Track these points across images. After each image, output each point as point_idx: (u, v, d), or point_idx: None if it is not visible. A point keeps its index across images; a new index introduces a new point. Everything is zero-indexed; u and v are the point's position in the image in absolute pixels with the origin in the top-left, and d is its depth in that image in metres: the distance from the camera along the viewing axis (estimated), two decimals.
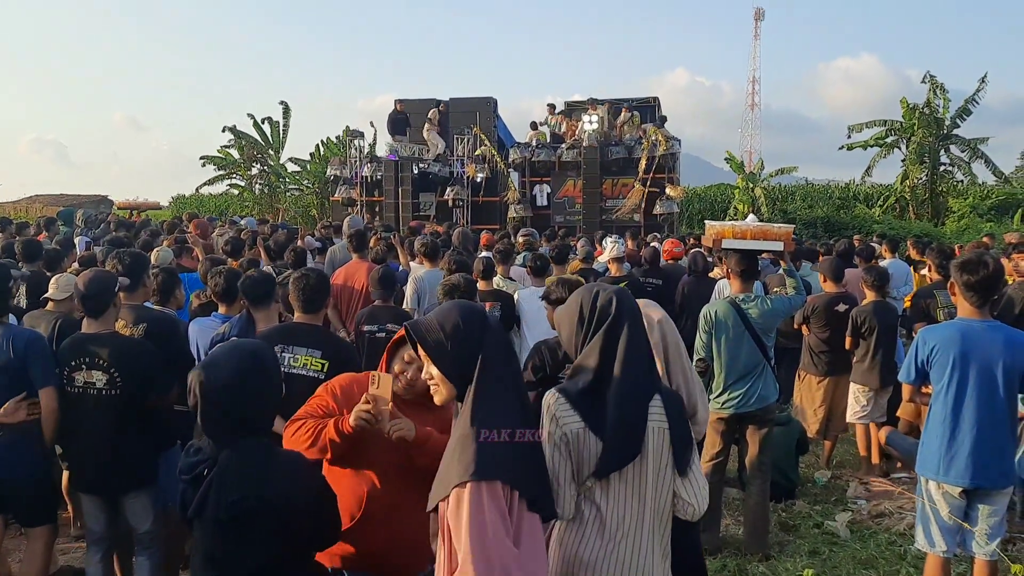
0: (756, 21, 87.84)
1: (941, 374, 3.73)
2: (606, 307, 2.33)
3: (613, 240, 8.42)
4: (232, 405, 2.32)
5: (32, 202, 32.81)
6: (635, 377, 2.29)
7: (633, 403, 2.28)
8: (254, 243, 8.99)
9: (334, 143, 29.38)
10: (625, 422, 2.25)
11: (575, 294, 2.45)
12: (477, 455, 1.98)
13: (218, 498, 2.26)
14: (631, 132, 19.26)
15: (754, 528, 4.95)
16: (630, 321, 2.33)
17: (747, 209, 24.81)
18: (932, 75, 25.51)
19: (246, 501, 2.26)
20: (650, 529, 2.31)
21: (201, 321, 4.81)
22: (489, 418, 2.04)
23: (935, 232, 22.26)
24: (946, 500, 3.75)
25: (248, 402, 2.35)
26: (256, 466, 2.32)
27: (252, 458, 2.33)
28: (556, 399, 2.27)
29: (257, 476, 2.29)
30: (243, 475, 2.28)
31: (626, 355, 2.29)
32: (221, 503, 2.25)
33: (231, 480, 2.27)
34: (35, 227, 12.77)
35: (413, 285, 6.58)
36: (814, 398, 6.75)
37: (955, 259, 3.86)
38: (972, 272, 3.64)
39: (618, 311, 2.32)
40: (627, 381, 2.27)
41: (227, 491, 2.26)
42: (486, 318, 2.23)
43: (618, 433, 2.23)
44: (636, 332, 2.33)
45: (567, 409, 2.25)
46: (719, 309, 4.89)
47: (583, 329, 2.34)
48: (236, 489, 2.26)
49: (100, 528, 3.96)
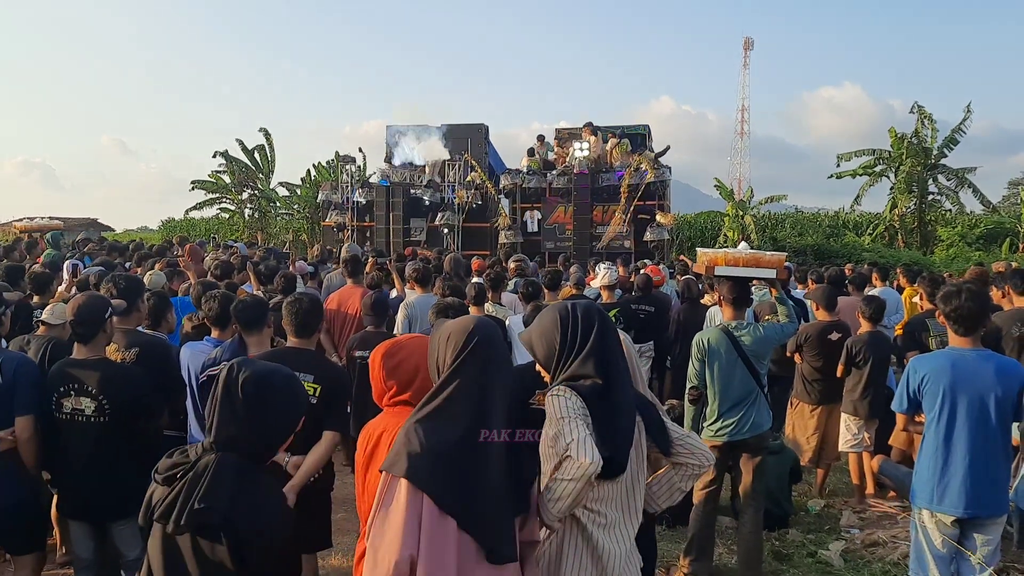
0: (745, 50, 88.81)
1: (932, 403, 3.74)
2: (589, 318, 2.44)
3: (605, 267, 8.44)
4: (251, 415, 2.23)
5: (22, 225, 32.65)
6: (627, 383, 2.46)
7: (628, 411, 2.42)
8: (243, 267, 8.97)
9: (325, 168, 29.45)
10: (626, 428, 2.39)
11: (548, 310, 2.55)
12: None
13: (184, 503, 2.13)
14: (621, 159, 19.36)
15: (747, 557, 4.92)
16: (611, 331, 2.47)
17: (737, 236, 24.92)
18: (920, 105, 25.83)
19: (210, 513, 2.12)
20: (633, 521, 2.50)
21: (193, 345, 4.78)
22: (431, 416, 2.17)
23: (924, 261, 22.40)
24: (940, 529, 3.75)
25: (259, 421, 2.25)
26: (233, 481, 2.17)
27: (231, 472, 2.19)
28: (565, 389, 2.36)
29: (232, 491, 2.15)
30: (216, 487, 2.15)
31: (618, 363, 2.44)
32: (185, 509, 2.12)
33: (204, 487, 2.14)
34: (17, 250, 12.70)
35: (404, 311, 6.57)
36: (807, 426, 6.75)
37: (941, 291, 3.89)
38: (948, 302, 3.69)
39: (600, 322, 2.45)
40: (625, 388, 2.43)
41: (198, 498, 2.12)
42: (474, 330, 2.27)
43: (622, 439, 2.37)
44: (617, 341, 2.49)
45: (577, 399, 2.34)
46: (712, 337, 4.89)
47: (567, 342, 2.43)
48: (206, 498, 2.12)
49: (88, 555, 3.92)
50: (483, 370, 2.21)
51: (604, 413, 2.35)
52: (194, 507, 2.12)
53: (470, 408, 2.17)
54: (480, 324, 2.30)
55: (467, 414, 2.16)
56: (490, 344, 2.25)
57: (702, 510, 4.90)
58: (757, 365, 4.85)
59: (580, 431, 2.25)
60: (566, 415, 2.30)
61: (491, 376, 2.22)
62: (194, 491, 2.14)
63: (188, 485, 2.16)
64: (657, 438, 2.52)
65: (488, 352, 2.24)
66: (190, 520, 2.12)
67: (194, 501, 2.12)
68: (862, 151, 27.14)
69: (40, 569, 4.08)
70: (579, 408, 2.32)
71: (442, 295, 6.21)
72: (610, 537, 2.42)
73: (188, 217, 35.12)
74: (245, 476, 2.22)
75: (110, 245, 13.26)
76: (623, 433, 2.38)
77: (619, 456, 2.35)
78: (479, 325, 2.29)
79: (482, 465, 2.15)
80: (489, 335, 2.27)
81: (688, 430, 4.98)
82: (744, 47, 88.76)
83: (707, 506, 4.90)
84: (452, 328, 2.28)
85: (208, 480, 2.15)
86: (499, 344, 2.31)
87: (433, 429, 2.14)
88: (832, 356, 6.51)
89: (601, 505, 2.40)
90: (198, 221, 36.34)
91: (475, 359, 2.21)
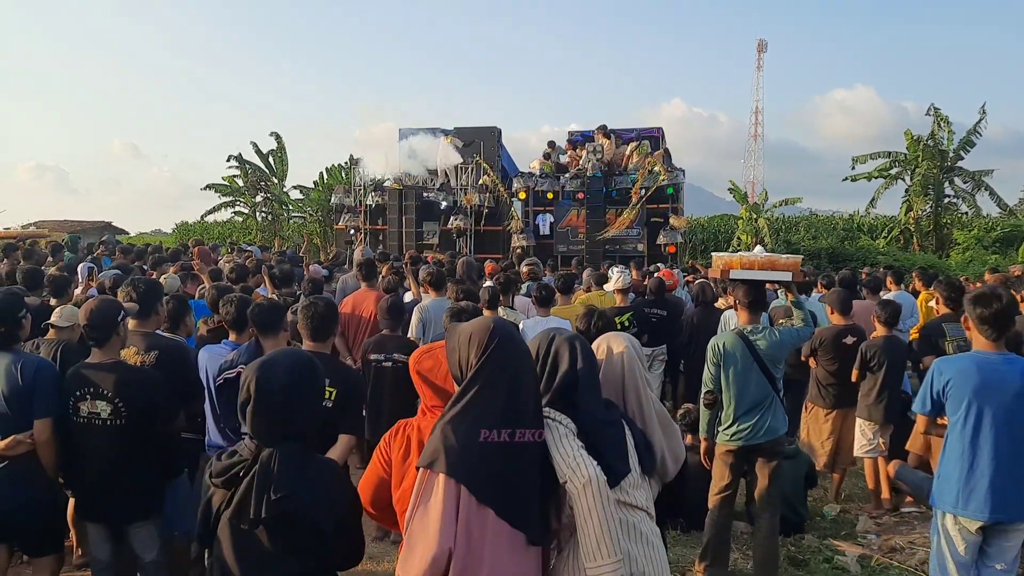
0: (759, 52, 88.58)
1: (957, 407, 3.70)
2: (558, 353, 2.53)
3: (618, 270, 8.43)
4: (284, 405, 2.30)
5: (36, 228, 32.90)
6: (597, 407, 2.53)
7: (611, 427, 2.51)
8: (258, 270, 9.01)
9: (338, 171, 29.56)
10: (618, 442, 2.50)
11: (534, 339, 2.64)
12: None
13: (260, 496, 2.21)
14: (638, 161, 19.29)
15: (763, 562, 4.89)
16: (586, 364, 2.53)
17: (751, 240, 24.85)
18: (936, 107, 25.69)
19: (288, 501, 2.21)
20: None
21: (211, 348, 4.81)
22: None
23: (940, 264, 22.26)
24: (962, 535, 3.70)
25: (299, 405, 2.34)
26: (299, 468, 2.28)
27: (296, 460, 2.28)
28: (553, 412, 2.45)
29: (299, 477, 2.26)
30: (287, 475, 2.24)
31: (586, 394, 2.51)
32: (263, 501, 2.20)
33: (275, 479, 2.23)
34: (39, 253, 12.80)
35: (418, 315, 6.57)
36: (821, 431, 6.71)
37: (968, 293, 3.85)
38: (986, 305, 3.64)
39: (570, 358, 2.51)
40: (594, 414, 2.49)
41: (271, 489, 2.21)
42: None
43: (617, 454, 2.47)
44: (590, 372, 2.56)
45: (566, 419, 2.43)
46: (727, 341, 4.87)
47: (542, 371, 2.52)
48: (280, 487, 2.21)
49: (105, 557, 3.93)
50: (507, 367, 2.28)
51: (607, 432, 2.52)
52: (271, 498, 2.20)
53: (499, 405, 2.23)
54: (500, 323, 2.37)
55: (496, 412, 2.22)
56: (512, 342, 2.32)
57: (717, 515, 4.88)
58: (773, 369, 4.82)
59: (575, 449, 2.34)
60: (559, 435, 2.37)
61: (517, 373, 2.29)
62: (266, 483, 2.22)
63: (258, 479, 2.23)
64: (642, 455, 2.62)
65: (512, 349, 2.30)
66: (270, 511, 2.20)
67: (270, 492, 2.20)
68: (877, 154, 27.04)
69: (58, 571, 4.10)
70: (569, 427, 2.41)
71: (455, 299, 6.22)
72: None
73: (203, 221, 35.35)
74: (308, 462, 2.33)
75: (123, 248, 13.33)
76: (611, 455, 2.48)
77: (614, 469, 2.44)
78: (499, 324, 2.36)
79: (515, 459, 2.22)
80: (510, 332, 2.35)
81: (704, 434, 5.00)
82: (758, 49, 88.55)
83: (722, 511, 4.88)
84: (473, 328, 2.33)
85: (278, 470, 2.24)
86: (520, 342, 2.38)
87: (466, 427, 2.20)
88: (847, 360, 6.48)
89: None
90: (212, 225, 36.57)
91: (501, 357, 2.27)
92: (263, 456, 2.27)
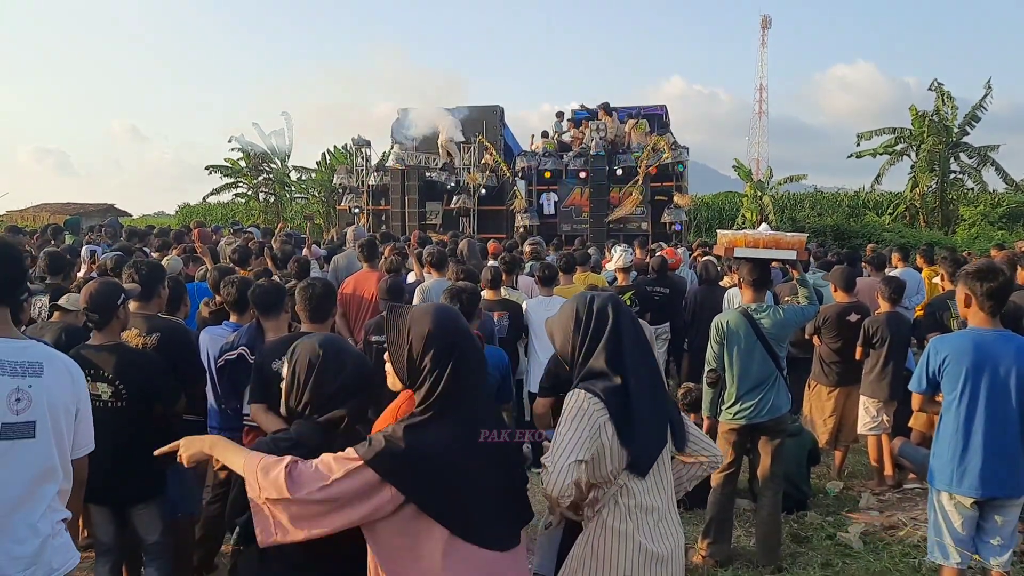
0: (763, 29, 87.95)
1: (953, 384, 3.70)
2: (603, 311, 2.46)
3: (621, 249, 8.40)
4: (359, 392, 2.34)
5: (39, 211, 32.98)
6: (647, 375, 2.45)
7: (651, 401, 2.42)
8: (261, 252, 8.99)
9: (340, 152, 29.48)
10: (650, 421, 2.41)
11: (569, 301, 2.58)
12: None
13: None
14: (639, 140, 19.21)
15: (766, 540, 4.90)
16: (628, 322, 2.46)
17: (755, 217, 24.77)
18: (940, 83, 25.50)
19: None
20: (672, 505, 2.54)
21: (212, 330, 4.81)
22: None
23: (946, 240, 22.16)
24: (958, 511, 3.72)
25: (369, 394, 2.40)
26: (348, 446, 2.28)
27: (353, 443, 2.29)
28: (586, 396, 2.37)
29: None
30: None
31: (639, 359, 2.44)
32: None
33: None
34: (38, 236, 12.81)
35: (420, 295, 6.56)
36: (824, 408, 6.70)
37: (968, 267, 3.83)
38: (992, 279, 3.62)
39: (616, 315, 2.45)
40: (646, 386, 2.42)
41: None
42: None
43: (647, 433, 2.40)
44: (637, 332, 2.48)
45: (598, 404, 2.35)
46: (731, 319, 4.85)
47: (579, 334, 2.46)
48: None
49: (109, 539, 3.94)
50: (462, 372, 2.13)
51: (624, 415, 2.36)
52: None
53: (463, 411, 2.12)
54: (441, 320, 2.18)
55: (459, 418, 2.10)
56: (463, 337, 2.18)
57: (720, 493, 4.88)
58: (776, 348, 4.81)
59: (565, 456, 2.28)
60: (568, 429, 2.32)
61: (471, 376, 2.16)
62: None
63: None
64: (676, 432, 2.54)
65: (463, 352, 2.15)
66: None
67: None
68: (882, 130, 26.88)
69: None
70: (591, 421, 2.33)
71: (455, 279, 6.20)
72: (650, 528, 2.44)
73: (205, 202, 35.34)
74: (351, 439, 2.32)
75: (129, 230, 13.33)
76: (645, 434, 2.40)
77: (643, 456, 2.40)
78: (441, 321, 2.17)
79: (477, 466, 2.09)
80: (458, 327, 2.20)
81: (707, 413, 5.00)
82: (762, 26, 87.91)
83: (725, 489, 4.88)
84: (417, 331, 2.15)
85: (332, 448, 2.24)
86: (468, 337, 2.23)
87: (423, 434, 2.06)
88: (850, 338, 6.46)
89: (645, 497, 2.43)
90: (215, 206, 36.55)
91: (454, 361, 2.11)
92: (327, 443, 2.29)
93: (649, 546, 2.41)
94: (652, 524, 2.44)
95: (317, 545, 2.06)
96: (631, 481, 2.40)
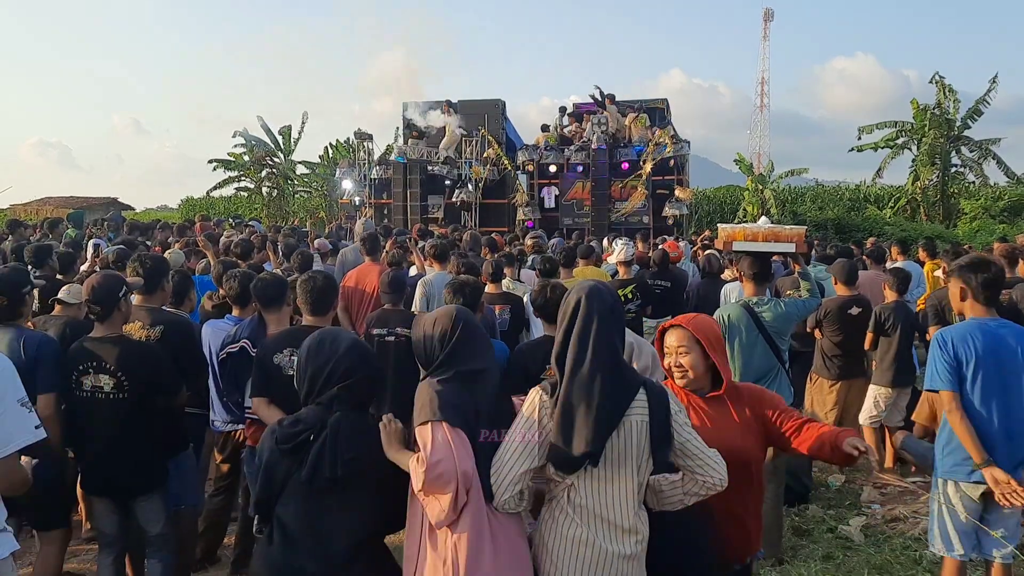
0: (765, 22, 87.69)
1: (964, 372, 3.69)
2: (574, 306, 2.47)
3: (623, 242, 8.40)
4: (354, 373, 2.55)
5: (43, 204, 32.97)
6: (591, 373, 2.38)
7: (600, 407, 2.36)
8: (264, 246, 9.00)
9: (343, 146, 29.45)
10: (587, 424, 2.35)
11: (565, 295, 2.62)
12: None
13: (334, 456, 2.41)
14: (639, 134, 19.18)
15: (767, 532, 4.88)
16: (599, 317, 2.43)
17: (757, 211, 24.75)
18: (941, 76, 25.44)
19: (360, 460, 2.44)
20: (623, 513, 2.42)
21: (214, 323, 4.82)
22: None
23: (947, 234, 22.12)
24: (963, 502, 3.71)
25: (366, 375, 2.60)
26: (366, 431, 2.51)
27: (362, 424, 2.53)
28: (540, 396, 2.44)
29: (365, 440, 2.48)
30: (356, 436, 2.47)
31: (595, 352, 2.40)
32: (338, 460, 2.41)
33: (346, 439, 2.45)
34: (39, 228, 12.83)
35: (422, 288, 6.56)
36: (826, 401, 6.70)
37: (960, 262, 3.83)
38: (985, 270, 3.67)
39: (587, 309, 2.44)
40: (581, 380, 2.38)
41: (343, 449, 2.43)
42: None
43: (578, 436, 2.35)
44: (605, 328, 2.43)
45: (546, 399, 2.43)
46: (732, 312, 4.85)
47: (561, 328, 2.50)
48: (351, 448, 2.44)
49: (112, 530, 3.96)
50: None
51: (562, 410, 2.39)
52: (345, 457, 2.42)
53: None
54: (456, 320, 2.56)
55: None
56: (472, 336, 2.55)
57: None
58: (778, 341, 4.80)
59: (507, 468, 2.38)
60: (517, 435, 2.42)
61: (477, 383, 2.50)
62: (337, 445, 2.44)
63: (329, 442, 2.44)
64: (655, 447, 2.43)
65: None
66: (346, 470, 2.42)
67: (342, 453, 2.43)
68: (884, 123, 26.81)
69: (66, 545, 4.14)
70: (539, 418, 2.42)
71: (456, 272, 6.20)
72: (596, 530, 2.41)
73: (208, 196, 35.34)
74: (369, 426, 2.55)
75: (131, 224, 13.33)
76: (580, 430, 2.36)
77: (561, 455, 2.37)
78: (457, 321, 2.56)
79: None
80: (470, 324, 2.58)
81: None
82: (764, 19, 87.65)
83: None
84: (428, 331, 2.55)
85: (349, 433, 2.47)
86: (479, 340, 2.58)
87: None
88: (852, 331, 6.46)
89: (577, 496, 2.43)
90: (218, 200, 36.54)
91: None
92: (333, 420, 2.46)
93: (602, 544, 2.40)
94: (601, 526, 2.42)
95: None
96: (579, 480, 2.42)
